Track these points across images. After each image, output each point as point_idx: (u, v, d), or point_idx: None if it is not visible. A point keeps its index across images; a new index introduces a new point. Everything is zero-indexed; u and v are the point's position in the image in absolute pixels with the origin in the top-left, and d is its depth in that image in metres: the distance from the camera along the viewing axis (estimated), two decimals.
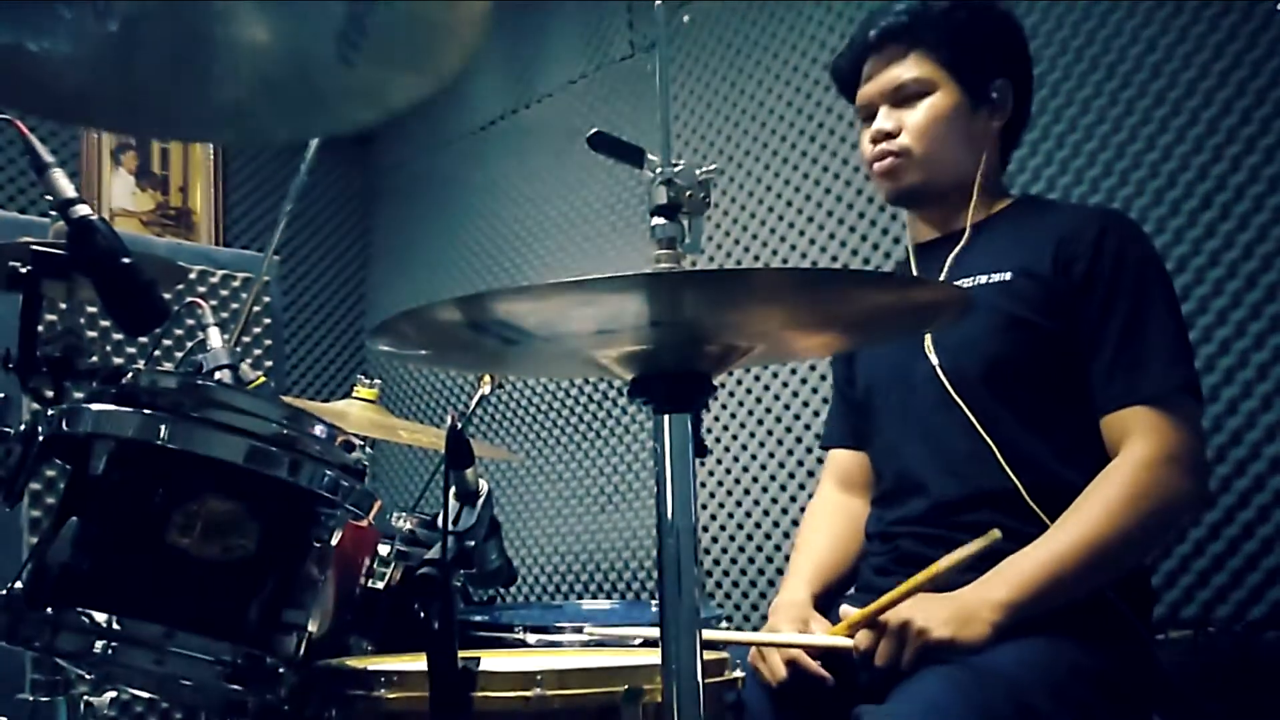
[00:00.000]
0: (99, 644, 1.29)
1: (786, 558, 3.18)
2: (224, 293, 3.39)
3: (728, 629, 2.45)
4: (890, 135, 1.87)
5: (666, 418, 1.09)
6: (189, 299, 1.93)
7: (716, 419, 3.36)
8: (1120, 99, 2.64)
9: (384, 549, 1.96)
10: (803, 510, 3.14)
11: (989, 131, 1.90)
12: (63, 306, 1.56)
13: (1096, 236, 1.75)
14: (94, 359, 1.51)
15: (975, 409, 1.72)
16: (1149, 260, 1.77)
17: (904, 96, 1.87)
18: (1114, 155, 2.64)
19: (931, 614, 1.53)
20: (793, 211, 3.33)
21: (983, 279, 1.80)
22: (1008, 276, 1.78)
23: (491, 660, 1.26)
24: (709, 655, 1.33)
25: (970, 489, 1.74)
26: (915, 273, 1.92)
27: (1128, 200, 2.57)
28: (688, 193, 1.13)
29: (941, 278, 1.85)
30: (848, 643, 1.58)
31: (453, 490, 1.45)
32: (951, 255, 1.88)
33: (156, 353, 2.89)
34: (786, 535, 3.20)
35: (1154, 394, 1.67)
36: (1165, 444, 1.64)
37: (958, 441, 1.75)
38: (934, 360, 1.79)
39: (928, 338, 1.81)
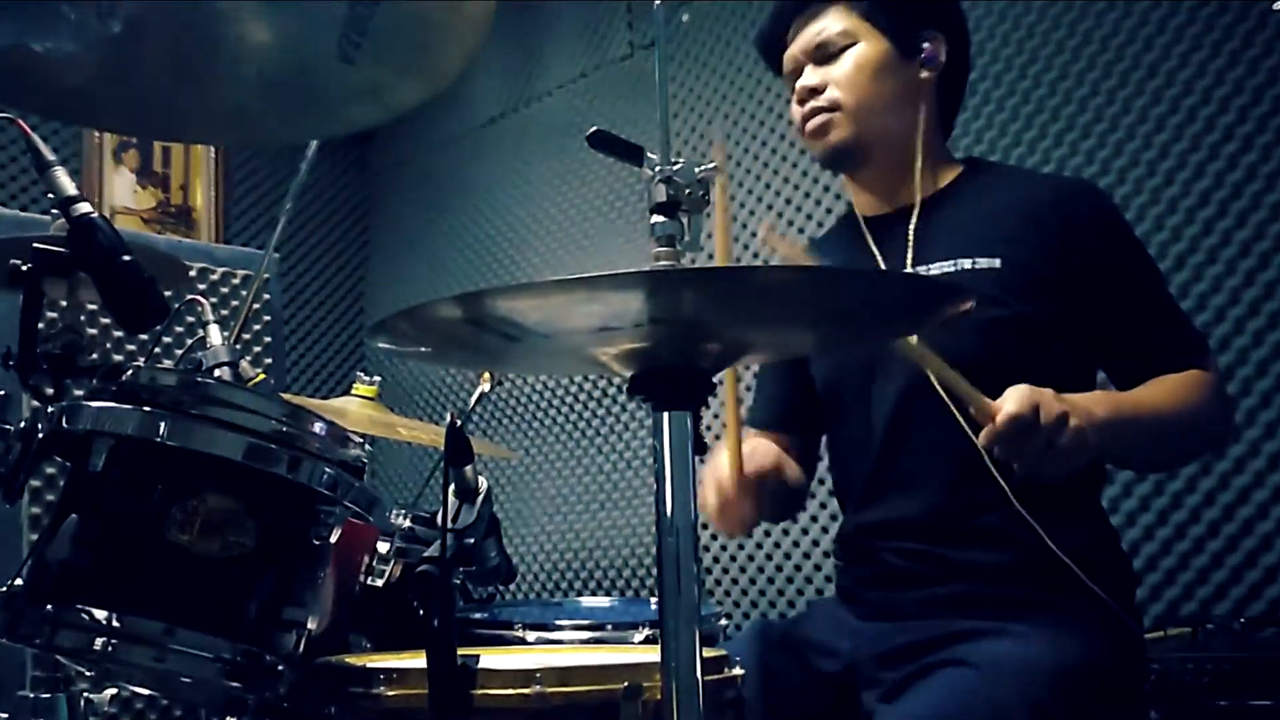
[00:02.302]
0: (99, 641, 1.28)
1: (786, 556, 3.19)
2: (224, 290, 3.39)
3: (728, 625, 2.45)
4: (817, 91, 1.79)
5: (666, 415, 1.08)
6: (189, 296, 1.93)
7: (716, 416, 3.36)
8: (1117, 97, 2.65)
9: (383, 546, 1.96)
10: (801, 508, 3.16)
11: (923, 86, 1.80)
12: (63, 304, 1.56)
13: (1089, 211, 1.70)
14: (94, 356, 1.51)
15: (958, 404, 1.59)
16: (1130, 227, 1.78)
17: (828, 53, 1.79)
18: (1112, 152, 2.65)
19: (1076, 409, 1.47)
20: (791, 209, 3.33)
21: (965, 264, 1.70)
22: (997, 264, 1.68)
23: (491, 658, 1.26)
24: (708, 653, 1.33)
25: (954, 492, 1.68)
26: (873, 247, 1.82)
27: (1126, 198, 2.58)
28: (687, 190, 1.13)
29: (908, 258, 1.76)
30: (998, 406, 1.46)
31: (452, 488, 1.45)
32: (910, 233, 1.78)
33: (156, 350, 2.89)
34: (785, 532, 3.21)
35: (1201, 356, 1.69)
36: (1221, 386, 1.74)
37: (940, 441, 1.66)
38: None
39: None
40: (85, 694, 1.67)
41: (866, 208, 1.88)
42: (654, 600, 2.61)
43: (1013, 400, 1.44)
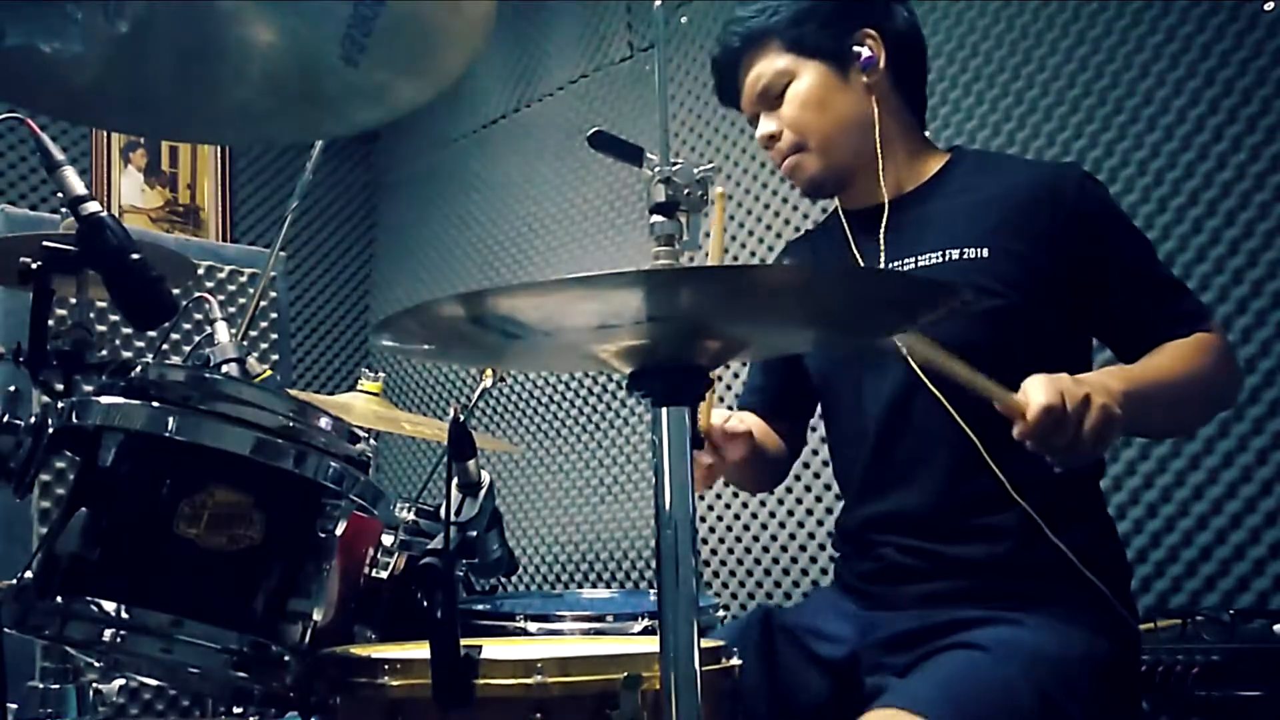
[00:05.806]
0: (108, 632, 1.30)
1: (783, 548, 3.21)
2: (231, 288, 3.42)
3: (726, 616, 2.46)
4: (775, 138, 1.81)
5: (665, 410, 1.09)
6: (197, 294, 1.95)
7: None
8: (1109, 98, 2.66)
9: (387, 539, 1.97)
10: (798, 501, 3.18)
11: (871, 89, 1.78)
12: (73, 301, 1.58)
13: (1078, 196, 1.69)
14: (103, 353, 1.53)
15: (952, 398, 1.60)
16: (1119, 207, 1.78)
17: (772, 96, 1.80)
18: (1103, 153, 2.66)
19: (1096, 387, 1.45)
20: (788, 208, 3.35)
21: (954, 254, 1.70)
22: (985, 253, 1.68)
23: (493, 648, 1.28)
24: (706, 643, 1.35)
25: (952, 486, 1.68)
26: (852, 241, 1.82)
27: (1117, 196, 2.59)
28: (686, 191, 1.14)
29: (881, 255, 1.77)
30: (1025, 402, 1.43)
31: (455, 481, 1.47)
32: (882, 231, 1.78)
33: (164, 346, 2.91)
34: (782, 525, 3.23)
35: (1204, 321, 1.69)
36: (1227, 347, 1.73)
37: (936, 434, 1.66)
38: (902, 344, 1.65)
39: None
40: (94, 685, 1.69)
41: (849, 203, 1.89)
42: (653, 592, 2.63)
43: (1039, 391, 1.42)
